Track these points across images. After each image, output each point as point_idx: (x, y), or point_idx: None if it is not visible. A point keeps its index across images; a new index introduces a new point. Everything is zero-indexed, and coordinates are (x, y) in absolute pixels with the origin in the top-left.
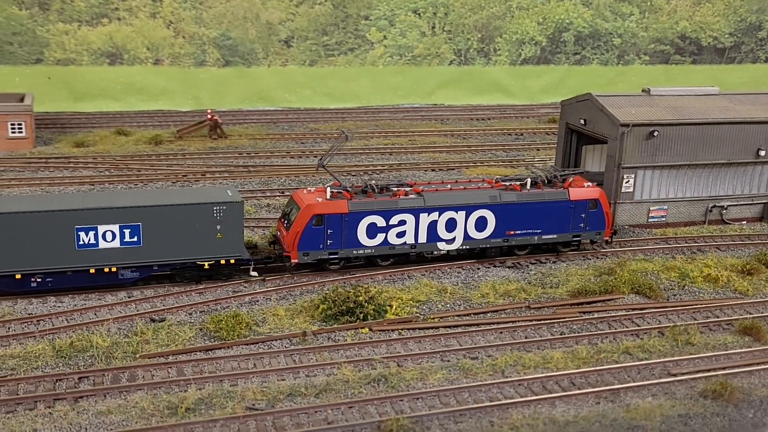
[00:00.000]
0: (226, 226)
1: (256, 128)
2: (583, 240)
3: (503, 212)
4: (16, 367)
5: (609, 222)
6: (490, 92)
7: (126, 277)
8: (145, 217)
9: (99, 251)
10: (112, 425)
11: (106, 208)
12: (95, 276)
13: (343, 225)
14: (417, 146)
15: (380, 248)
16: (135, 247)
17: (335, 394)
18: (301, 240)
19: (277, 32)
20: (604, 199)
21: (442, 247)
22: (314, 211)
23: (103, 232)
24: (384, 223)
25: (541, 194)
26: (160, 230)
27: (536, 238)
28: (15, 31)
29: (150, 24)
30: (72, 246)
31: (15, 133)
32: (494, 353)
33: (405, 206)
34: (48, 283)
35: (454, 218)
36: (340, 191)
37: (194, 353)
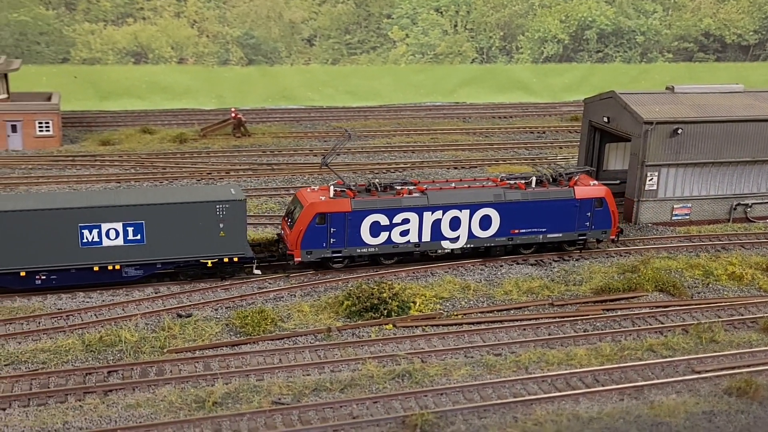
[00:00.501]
0: (229, 224)
1: (279, 126)
2: (588, 239)
3: (508, 211)
4: (47, 361)
5: (615, 221)
6: (512, 90)
7: (130, 275)
8: (149, 215)
9: (103, 249)
10: (141, 418)
11: (110, 206)
12: (99, 273)
13: (346, 223)
14: (439, 144)
15: (384, 247)
16: (138, 244)
17: (360, 389)
18: (305, 238)
19: (300, 31)
20: (610, 198)
21: (446, 245)
22: (317, 209)
23: (107, 229)
24: (387, 221)
25: (546, 193)
26: (164, 228)
27: (541, 237)
28: (42, 31)
29: (174, 23)
30: (76, 244)
31: (42, 131)
32: (518, 350)
33: (408, 205)
34: (52, 280)
35: (458, 217)
36: (344, 190)
37: (220, 348)
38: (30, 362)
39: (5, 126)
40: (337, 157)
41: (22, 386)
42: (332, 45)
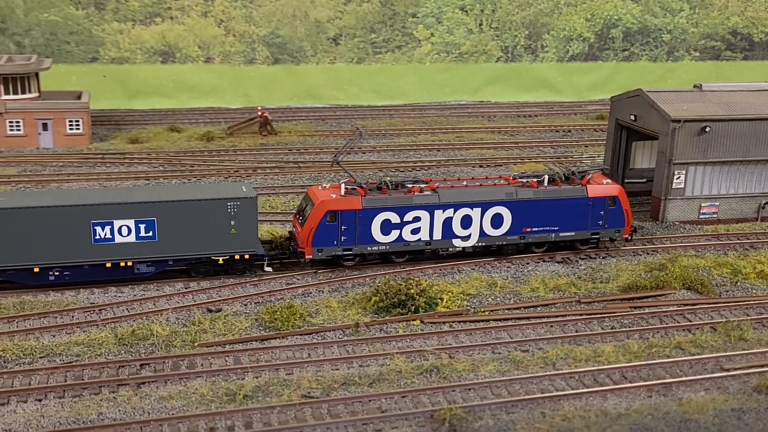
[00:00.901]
0: (240, 221)
1: (305, 125)
2: (602, 238)
3: (519, 209)
4: (81, 353)
5: (629, 219)
6: (537, 89)
7: (142, 272)
8: (160, 213)
9: (115, 246)
10: (173, 410)
11: (122, 204)
12: (111, 270)
13: (357, 221)
14: (464, 143)
15: (395, 245)
16: (150, 241)
17: (388, 383)
18: (315, 236)
19: (326, 30)
20: (623, 197)
21: (458, 244)
22: (328, 207)
23: (119, 226)
24: (398, 219)
25: (559, 191)
26: (175, 225)
27: (553, 236)
28: (72, 31)
29: (201, 23)
30: (89, 240)
31: (73, 129)
32: (545, 346)
33: (419, 203)
34: (65, 276)
35: (469, 215)
36: (355, 188)
37: (250, 343)
38: (64, 355)
39: (37, 124)
40: (364, 155)
41: (57, 378)
42: (357, 44)
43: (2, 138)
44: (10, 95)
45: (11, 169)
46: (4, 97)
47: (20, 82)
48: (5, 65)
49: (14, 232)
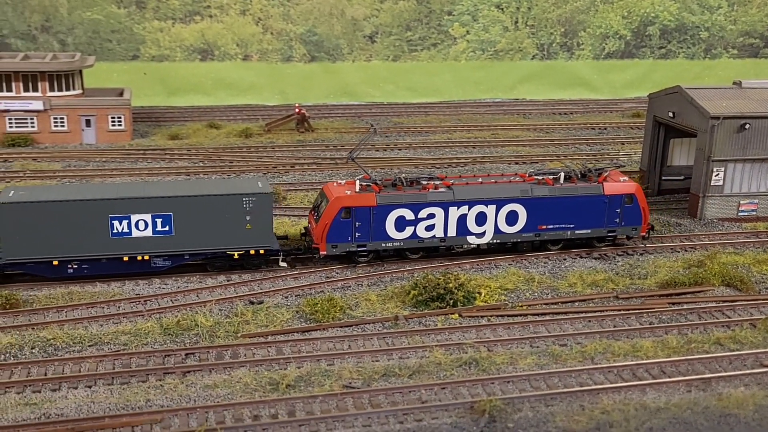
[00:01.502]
0: (255, 216)
1: (341, 122)
2: (618, 236)
3: (535, 206)
4: (128, 342)
5: (646, 217)
6: (572, 87)
7: (158, 266)
8: (177, 207)
9: (132, 240)
10: (218, 398)
11: (139, 198)
12: (129, 264)
13: (372, 218)
14: (500, 140)
15: (409, 241)
16: (167, 236)
17: (428, 375)
18: (330, 232)
19: (362, 28)
20: (640, 194)
21: (472, 240)
22: (342, 203)
23: (136, 221)
24: (413, 216)
25: (574, 188)
26: (191, 220)
27: (569, 233)
28: (114, 29)
29: (240, 21)
30: (106, 234)
31: (115, 125)
32: (583, 341)
33: (434, 200)
34: (84, 269)
35: (484, 212)
36: (369, 184)
37: (292, 334)
38: (112, 343)
39: (80, 120)
40: (399, 151)
41: (106, 366)
42: (393, 42)
43: (47, 134)
44: (55, 92)
45: (56, 164)
46: (49, 94)
47: (64, 80)
48: (50, 63)
49: (34, 225)
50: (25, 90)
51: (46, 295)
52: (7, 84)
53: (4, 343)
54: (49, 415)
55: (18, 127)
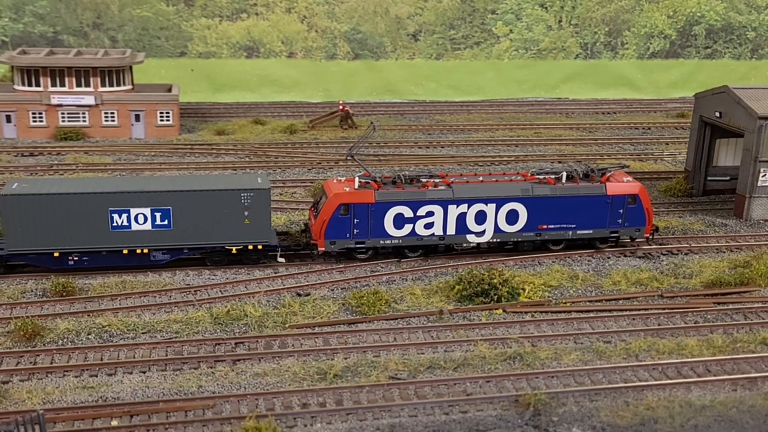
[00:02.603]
0: (253, 212)
1: (383, 119)
2: (621, 236)
3: (535, 206)
4: (180, 331)
5: (650, 219)
6: (616, 86)
7: (157, 259)
8: (175, 202)
9: (131, 233)
10: (268, 386)
11: (138, 192)
12: (128, 257)
13: (370, 215)
14: (543, 138)
15: (408, 239)
16: (166, 230)
17: (473, 368)
18: (328, 228)
19: (406, 26)
20: (644, 195)
21: (472, 239)
22: (341, 200)
23: (136, 214)
24: (411, 214)
25: (576, 188)
26: (190, 215)
27: (570, 233)
28: (162, 26)
29: (285, 19)
30: (106, 227)
31: (163, 120)
32: (627, 338)
33: (433, 198)
34: (84, 261)
35: (483, 211)
36: (368, 182)
37: (338, 326)
38: (164, 331)
39: (130, 115)
40: (442, 149)
41: (159, 352)
42: (437, 40)
43: (98, 128)
44: (106, 87)
45: (107, 157)
46: (100, 90)
47: (115, 75)
48: (102, 59)
49: (36, 217)
50: (78, 85)
51: (101, 284)
52: (60, 79)
53: (62, 328)
54: (106, 398)
55: (70, 121)
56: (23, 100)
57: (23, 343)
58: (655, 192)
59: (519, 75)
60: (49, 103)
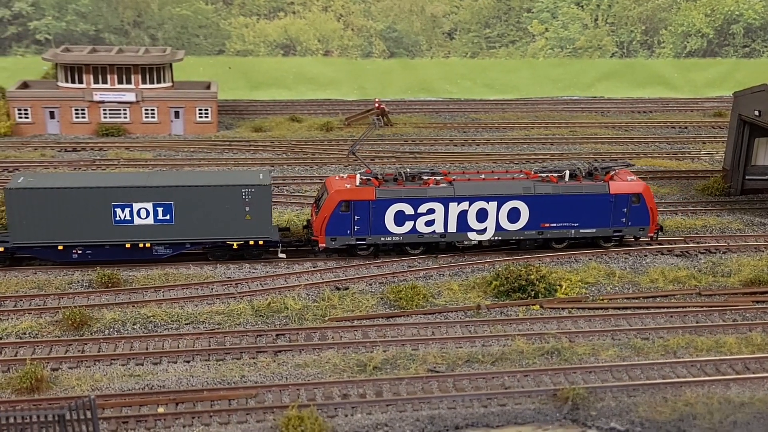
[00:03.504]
0: (254, 208)
1: (419, 117)
2: (625, 236)
3: (537, 204)
4: (222, 322)
5: (654, 218)
6: (651, 85)
7: (159, 253)
8: (177, 197)
9: (134, 227)
10: (309, 377)
11: (140, 187)
12: (131, 251)
13: (371, 212)
14: (578, 137)
15: (409, 236)
16: (168, 224)
17: (510, 363)
18: (329, 225)
19: (441, 25)
20: (648, 194)
21: (473, 237)
22: (342, 196)
23: (138, 209)
24: (412, 211)
25: (579, 187)
26: (192, 210)
27: (573, 232)
28: (201, 24)
29: (322, 17)
30: (109, 221)
31: (202, 117)
32: (665, 335)
33: (434, 195)
34: (88, 255)
35: (485, 208)
36: (370, 178)
37: (377, 319)
38: (207, 322)
39: (169, 112)
40: (477, 147)
41: (202, 343)
42: (472, 38)
43: (138, 124)
44: (147, 85)
45: (147, 153)
46: (141, 87)
47: (156, 73)
48: (143, 56)
49: (40, 211)
50: (119, 82)
51: (144, 276)
52: (102, 76)
53: (108, 318)
54: (152, 386)
55: (112, 117)
56: (66, 97)
57: (71, 331)
58: (692, 191)
59: (554, 74)
60: (92, 100)
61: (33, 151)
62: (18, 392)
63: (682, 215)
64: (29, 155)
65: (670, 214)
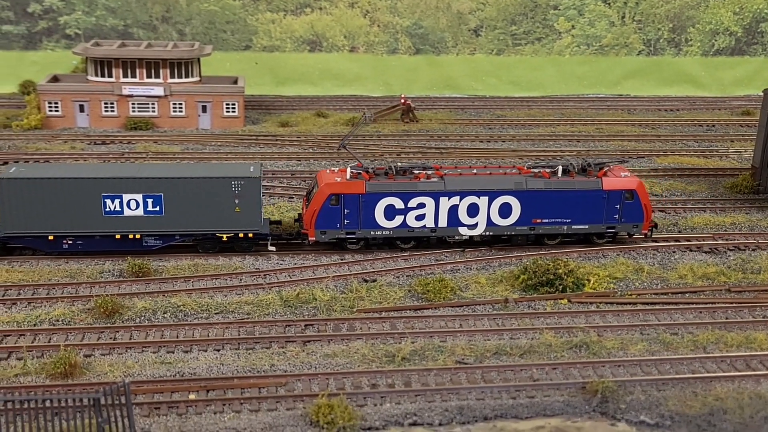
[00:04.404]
0: (244, 200)
1: (444, 114)
2: (619, 232)
3: (529, 199)
4: (251, 312)
5: (648, 214)
6: (678, 83)
7: (149, 245)
8: (167, 188)
9: (124, 218)
10: (338, 366)
11: (130, 178)
12: (121, 242)
13: (360, 205)
14: (604, 134)
15: (399, 230)
16: (157, 216)
17: (539, 355)
18: (318, 218)
19: (467, 21)
20: (642, 190)
21: (464, 232)
22: (331, 190)
23: (128, 200)
24: (402, 205)
25: (571, 182)
26: (181, 201)
27: (565, 228)
28: (228, 20)
29: (348, 13)
30: (99, 212)
31: (229, 112)
32: (694, 331)
33: (424, 189)
34: (78, 245)
35: (476, 203)
36: (360, 172)
37: (404, 311)
38: (236, 312)
39: (197, 106)
40: (503, 143)
41: (232, 332)
42: (498, 35)
43: (166, 118)
44: (175, 79)
45: (175, 147)
46: (169, 81)
47: (184, 67)
48: (172, 51)
49: (31, 201)
50: (148, 76)
51: (174, 266)
52: (132, 70)
53: (139, 307)
54: (183, 373)
55: (140, 111)
56: (96, 91)
57: (103, 319)
58: (720, 188)
59: (580, 71)
60: (121, 94)
61: (63, 144)
62: (52, 377)
63: (711, 212)
64: (59, 147)
65: (698, 212)
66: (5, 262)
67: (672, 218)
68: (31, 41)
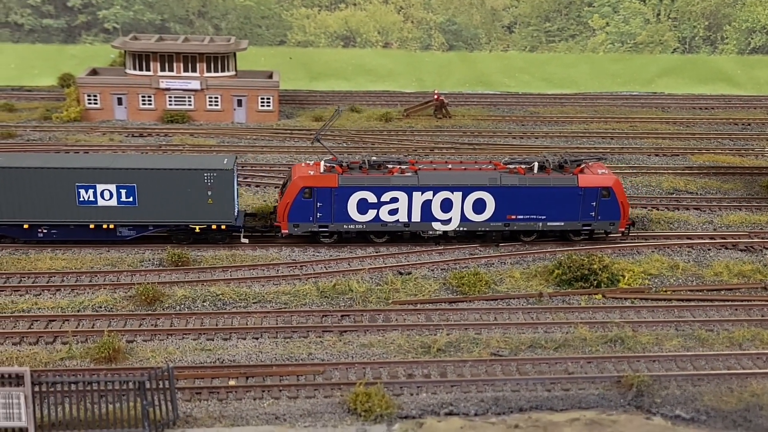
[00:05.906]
0: (216, 192)
1: (476, 110)
2: (595, 230)
3: (503, 195)
4: (288, 302)
5: (625, 212)
6: (713, 82)
7: (123, 235)
8: (140, 179)
9: (98, 208)
10: (374, 356)
11: (104, 168)
12: (95, 231)
13: (333, 199)
14: (638, 132)
15: (372, 224)
16: (131, 206)
17: (573, 349)
18: (291, 211)
19: (501, 18)
20: (618, 188)
21: (438, 227)
22: (304, 183)
23: (102, 190)
24: (375, 199)
25: (546, 179)
26: (155, 192)
27: (540, 225)
28: (264, 15)
29: (382, 9)
30: (73, 202)
31: (264, 106)
32: (730, 327)
33: (397, 183)
34: (53, 234)
35: (449, 199)
36: (334, 166)
37: (439, 304)
38: (274, 302)
39: (232, 100)
40: (536, 140)
41: (270, 321)
42: (531, 32)
43: (202, 112)
44: (211, 73)
45: (211, 140)
46: (205, 75)
47: (220, 62)
48: (208, 45)
49: (6, 190)
50: (185, 70)
51: (212, 256)
52: (169, 64)
53: (179, 295)
54: (223, 360)
55: (177, 104)
56: (134, 84)
57: (144, 307)
58: (756, 187)
59: (614, 69)
60: (158, 87)
61: (101, 136)
62: (96, 362)
63: (747, 211)
64: (98, 140)
65: (734, 210)
66: (49, 249)
67: (707, 216)
68: (71, 35)
